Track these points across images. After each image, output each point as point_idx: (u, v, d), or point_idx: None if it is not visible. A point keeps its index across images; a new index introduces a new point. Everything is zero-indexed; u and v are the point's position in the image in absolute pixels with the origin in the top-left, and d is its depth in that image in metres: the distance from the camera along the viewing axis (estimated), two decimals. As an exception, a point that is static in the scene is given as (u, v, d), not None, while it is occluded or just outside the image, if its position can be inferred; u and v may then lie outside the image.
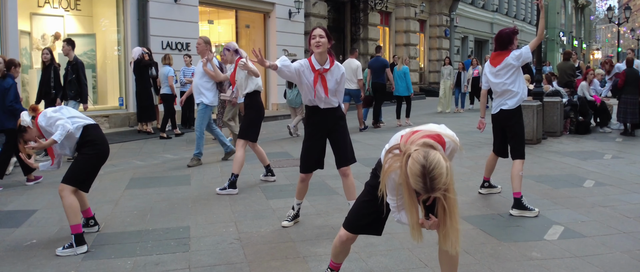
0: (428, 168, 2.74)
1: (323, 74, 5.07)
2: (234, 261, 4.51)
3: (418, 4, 27.83)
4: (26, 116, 5.01)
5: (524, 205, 5.78)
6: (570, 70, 14.56)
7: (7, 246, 4.98)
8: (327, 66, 5.08)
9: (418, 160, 2.76)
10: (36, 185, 7.59)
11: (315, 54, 5.03)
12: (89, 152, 4.94)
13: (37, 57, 13.71)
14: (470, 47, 35.64)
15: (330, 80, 5.11)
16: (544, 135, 11.27)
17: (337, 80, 5.15)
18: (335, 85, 5.16)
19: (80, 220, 4.86)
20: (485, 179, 6.79)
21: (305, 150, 5.31)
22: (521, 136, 6.15)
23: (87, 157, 4.94)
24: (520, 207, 5.77)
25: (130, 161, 9.28)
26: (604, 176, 7.75)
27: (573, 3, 59.21)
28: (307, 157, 5.30)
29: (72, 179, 4.89)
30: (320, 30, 5.00)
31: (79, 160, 4.95)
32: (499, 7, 39.67)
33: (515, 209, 5.78)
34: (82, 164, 4.94)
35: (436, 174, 2.74)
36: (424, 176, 2.74)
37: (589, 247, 4.78)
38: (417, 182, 2.78)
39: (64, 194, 4.82)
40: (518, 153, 6.07)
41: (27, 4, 13.14)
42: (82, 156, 4.94)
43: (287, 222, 5.50)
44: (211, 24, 19.16)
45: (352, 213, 3.60)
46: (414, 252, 4.65)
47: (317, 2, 20.87)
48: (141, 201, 6.55)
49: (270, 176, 7.68)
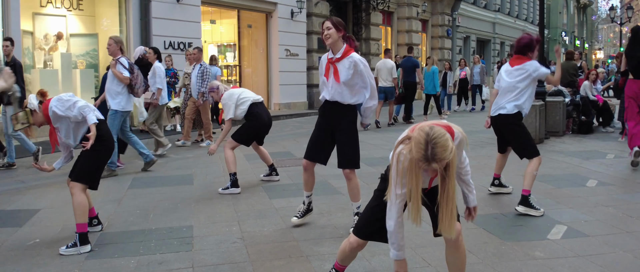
0: (431, 136, 2.85)
1: (335, 63, 5.05)
2: (237, 260, 4.51)
3: (420, 4, 27.83)
4: (34, 99, 4.94)
5: (530, 203, 5.76)
6: (573, 69, 14.53)
7: (10, 246, 4.99)
8: (339, 55, 5.03)
9: (423, 129, 2.90)
10: (39, 184, 7.58)
11: (328, 45, 5.07)
12: (98, 148, 4.86)
13: (40, 57, 13.75)
14: (473, 47, 35.62)
15: (342, 69, 5.02)
16: (547, 135, 11.27)
17: (349, 69, 5.00)
18: (348, 74, 5.01)
19: (86, 219, 4.85)
20: (496, 176, 6.77)
21: (311, 137, 5.35)
22: (522, 136, 6.04)
23: (97, 153, 4.87)
24: (526, 205, 5.75)
25: (133, 161, 9.29)
26: (606, 175, 7.74)
27: (575, 3, 59.18)
28: (310, 144, 5.32)
29: (84, 177, 4.86)
30: (328, 23, 5.00)
31: (89, 156, 4.86)
32: (501, 7, 39.65)
33: (521, 206, 5.77)
34: (93, 160, 4.89)
35: (439, 142, 2.85)
36: (426, 143, 2.84)
37: (592, 247, 4.78)
38: (419, 149, 2.86)
39: (75, 192, 4.79)
40: (528, 153, 5.98)
41: (30, 3, 13.17)
42: (93, 152, 4.82)
43: (297, 219, 5.42)
44: (213, 24, 19.18)
45: (362, 219, 3.61)
46: (417, 251, 4.65)
47: (319, 2, 20.86)
48: (144, 201, 6.55)
49: (274, 175, 7.66)
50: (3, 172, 8.48)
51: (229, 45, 19.52)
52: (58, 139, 5.05)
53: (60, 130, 4.96)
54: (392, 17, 27.17)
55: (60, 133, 4.94)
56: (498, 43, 39.50)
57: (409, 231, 5.16)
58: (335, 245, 4.84)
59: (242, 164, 9.00)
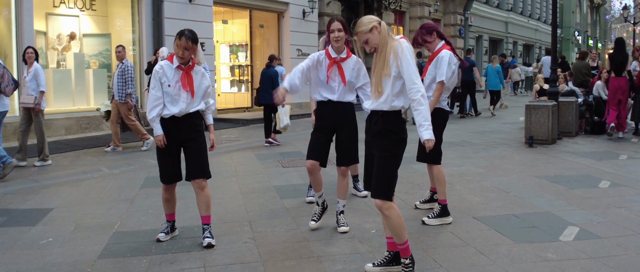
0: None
1: (340, 63, 5.21)
2: (248, 260, 4.52)
3: (432, 3, 27.76)
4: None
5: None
6: (586, 69, 14.44)
7: (23, 245, 5.02)
8: (344, 55, 5.21)
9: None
10: (52, 184, 7.62)
11: (334, 46, 5.17)
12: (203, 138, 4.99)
13: (53, 57, 13.84)
14: (485, 47, 35.48)
15: (347, 69, 5.22)
16: (559, 135, 11.20)
17: (353, 70, 5.24)
18: (352, 75, 5.24)
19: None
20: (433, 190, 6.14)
21: (311, 141, 5.37)
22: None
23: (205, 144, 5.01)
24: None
25: (146, 160, 9.33)
26: (619, 176, 7.69)
27: (588, 2, 58.81)
28: (310, 147, 5.34)
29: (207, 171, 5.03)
30: (338, 24, 5.10)
31: (204, 148, 4.97)
32: (514, 6, 39.48)
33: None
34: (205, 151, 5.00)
35: (361, 19, 3.93)
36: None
37: (604, 249, 4.75)
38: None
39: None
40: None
41: (43, 4, 13.26)
42: (203, 143, 4.96)
43: (315, 223, 5.36)
44: (225, 24, 19.22)
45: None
46: (428, 252, 4.64)
47: (331, 2, 20.87)
48: (156, 200, 6.57)
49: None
50: (16, 171, 8.53)
51: (240, 45, 19.56)
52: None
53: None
54: (404, 17, 27.12)
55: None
56: (511, 42, 39.32)
57: (421, 232, 5.18)
58: (346, 245, 4.85)
59: (253, 164, 9.03)
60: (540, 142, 10.50)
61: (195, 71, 4.84)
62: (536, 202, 6.27)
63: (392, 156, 3.91)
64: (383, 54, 3.87)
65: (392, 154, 3.91)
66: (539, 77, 17.65)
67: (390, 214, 3.91)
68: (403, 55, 3.82)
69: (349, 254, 4.65)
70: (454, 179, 7.43)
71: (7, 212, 6.21)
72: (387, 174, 3.91)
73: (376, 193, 3.93)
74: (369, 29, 3.88)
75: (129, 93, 10.30)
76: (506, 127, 13.97)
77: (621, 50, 11.71)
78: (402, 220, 3.96)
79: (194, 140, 4.90)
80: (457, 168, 8.21)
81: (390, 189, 3.92)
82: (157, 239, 5.02)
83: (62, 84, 13.59)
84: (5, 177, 7.78)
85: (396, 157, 3.95)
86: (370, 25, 3.89)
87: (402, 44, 3.86)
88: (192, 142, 4.90)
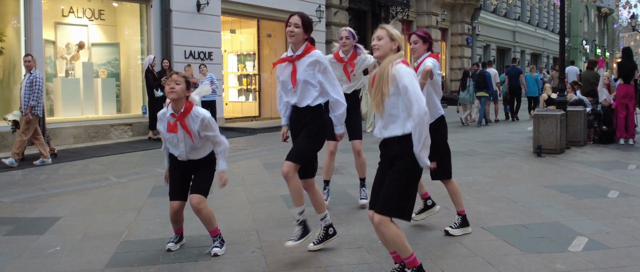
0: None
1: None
2: (255, 270, 4.52)
3: (439, 13, 27.76)
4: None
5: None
6: (594, 78, 14.40)
7: (31, 253, 5.04)
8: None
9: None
10: (60, 192, 7.64)
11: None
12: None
13: (62, 66, 13.91)
14: (493, 56, 35.43)
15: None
16: (568, 144, 11.15)
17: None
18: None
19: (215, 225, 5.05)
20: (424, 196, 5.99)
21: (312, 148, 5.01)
22: None
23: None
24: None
25: (153, 169, 9.35)
26: (628, 186, 7.64)
27: (596, 11, 58.65)
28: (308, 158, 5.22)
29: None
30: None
31: (209, 171, 5.03)
32: (521, 15, 39.42)
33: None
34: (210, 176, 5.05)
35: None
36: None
37: (613, 259, 4.72)
38: None
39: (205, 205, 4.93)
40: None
41: (52, 13, 13.35)
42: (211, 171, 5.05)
43: (293, 243, 4.87)
44: (233, 33, 19.29)
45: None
46: (436, 263, 4.62)
47: (339, 12, 20.91)
48: (164, 209, 6.57)
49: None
50: (23, 179, 8.56)
51: (248, 54, 19.63)
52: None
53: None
54: (411, 26, 27.12)
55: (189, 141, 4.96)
56: (518, 52, 39.26)
57: (429, 243, 5.16)
58: (353, 256, 4.83)
59: (260, 173, 9.03)
60: (549, 152, 10.46)
61: (192, 117, 4.80)
62: (545, 212, 6.24)
63: (404, 174, 3.81)
64: (385, 72, 3.82)
65: (404, 172, 3.81)
66: (547, 86, 17.61)
67: (384, 232, 3.80)
68: (401, 77, 3.77)
69: (357, 264, 4.63)
70: (463, 189, 7.38)
71: (15, 220, 6.24)
72: (395, 190, 3.81)
73: (379, 207, 3.83)
74: (392, 38, 3.93)
75: (31, 105, 9.41)
76: (514, 136, 13.93)
77: (629, 58, 11.97)
78: (401, 236, 3.84)
79: (202, 168, 5.00)
80: (465, 178, 8.19)
81: (393, 206, 3.82)
82: (168, 249, 5.02)
83: (70, 93, 13.64)
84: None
85: (407, 175, 3.83)
86: (397, 39, 3.94)
87: (402, 67, 3.81)
88: (200, 170, 5.00)
